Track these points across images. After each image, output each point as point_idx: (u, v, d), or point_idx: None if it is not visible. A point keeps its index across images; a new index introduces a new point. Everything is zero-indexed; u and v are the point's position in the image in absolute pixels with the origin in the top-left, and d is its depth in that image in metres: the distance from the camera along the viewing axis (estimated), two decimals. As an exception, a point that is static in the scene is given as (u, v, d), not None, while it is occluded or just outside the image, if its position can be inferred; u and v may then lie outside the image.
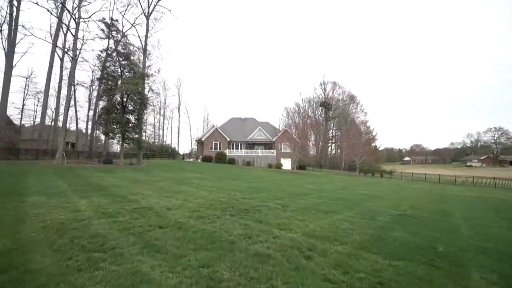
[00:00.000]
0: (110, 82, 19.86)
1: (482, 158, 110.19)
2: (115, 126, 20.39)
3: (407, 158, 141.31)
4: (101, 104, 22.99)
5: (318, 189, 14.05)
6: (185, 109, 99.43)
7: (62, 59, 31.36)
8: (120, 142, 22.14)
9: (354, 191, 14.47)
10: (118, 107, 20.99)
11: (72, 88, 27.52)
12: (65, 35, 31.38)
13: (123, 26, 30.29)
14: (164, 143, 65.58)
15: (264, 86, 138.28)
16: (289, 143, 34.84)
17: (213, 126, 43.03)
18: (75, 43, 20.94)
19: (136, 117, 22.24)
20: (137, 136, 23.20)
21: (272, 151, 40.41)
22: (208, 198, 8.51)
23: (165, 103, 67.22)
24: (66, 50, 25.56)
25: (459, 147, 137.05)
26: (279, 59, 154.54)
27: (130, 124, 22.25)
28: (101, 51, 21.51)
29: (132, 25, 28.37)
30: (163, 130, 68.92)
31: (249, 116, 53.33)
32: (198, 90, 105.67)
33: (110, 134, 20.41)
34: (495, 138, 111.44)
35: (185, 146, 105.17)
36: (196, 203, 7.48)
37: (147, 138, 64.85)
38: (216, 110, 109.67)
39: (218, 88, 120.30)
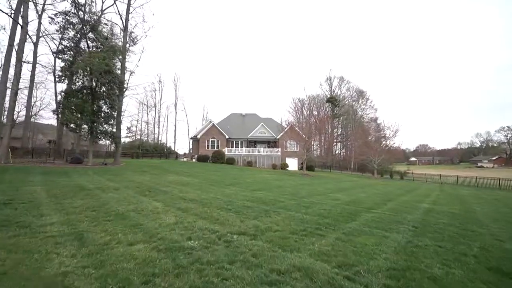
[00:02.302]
0: (71, 58, 15.22)
1: (494, 158, 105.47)
2: (79, 115, 15.71)
3: (413, 159, 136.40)
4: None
5: (356, 202, 9.30)
6: (182, 106, 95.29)
7: (36, 44, 26.79)
8: (89, 136, 17.44)
9: (411, 204, 9.73)
10: (84, 92, 16.33)
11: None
12: (40, 16, 26.89)
13: (103, 2, 25.83)
14: (159, 141, 61.20)
15: (267, 83, 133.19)
16: (297, 141, 30.07)
17: (210, 121, 38.33)
18: (25, 8, 16.31)
19: (109, 105, 17.55)
20: (110, 129, 18.50)
21: (276, 149, 35.70)
22: (164, 239, 3.80)
23: (160, 99, 63.06)
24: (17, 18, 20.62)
25: (465, 147, 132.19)
26: (283, 53, 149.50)
27: (102, 114, 17.55)
28: (56, 15, 16.74)
29: (115, 1, 23.86)
30: (158, 127, 64.71)
31: (251, 112, 48.66)
32: (197, 88, 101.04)
33: (72, 125, 15.74)
34: (508, 137, 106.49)
35: (182, 145, 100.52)
36: (113, 267, 2.79)
37: (139, 136, 60.49)
38: (216, 108, 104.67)
39: (218, 86, 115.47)
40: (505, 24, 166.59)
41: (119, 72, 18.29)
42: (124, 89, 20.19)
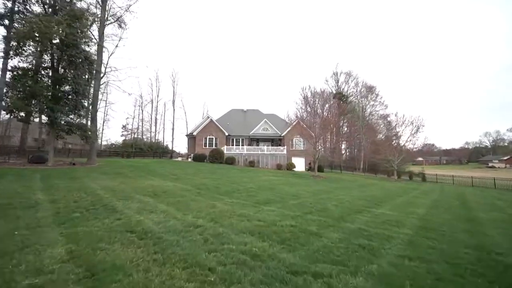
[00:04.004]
0: (21, 26, 11.55)
1: (505, 158, 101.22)
2: (32, 101, 12.08)
3: (419, 158, 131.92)
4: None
5: (434, 229, 5.54)
6: (181, 103, 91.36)
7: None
8: (49, 129, 13.77)
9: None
10: (43, 72, 12.73)
11: None
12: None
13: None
14: (156, 140, 57.73)
15: (270, 80, 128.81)
16: (306, 138, 26.28)
17: (208, 117, 34.64)
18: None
19: (75, 89, 13.85)
20: (79, 120, 14.84)
21: (281, 148, 31.92)
22: None
23: (158, 95, 59.44)
24: None
25: (470, 147, 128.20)
26: (287, 49, 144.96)
27: (67, 101, 13.87)
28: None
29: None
30: (155, 126, 61.16)
31: (253, 108, 44.91)
32: (197, 85, 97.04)
33: (22, 113, 12.10)
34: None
35: (181, 144, 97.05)
36: None
37: (135, 135, 57.01)
38: (217, 106, 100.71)
39: (219, 83, 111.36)
40: (506, 24, 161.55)
41: (89, 49, 14.64)
42: (102, 73, 16.47)
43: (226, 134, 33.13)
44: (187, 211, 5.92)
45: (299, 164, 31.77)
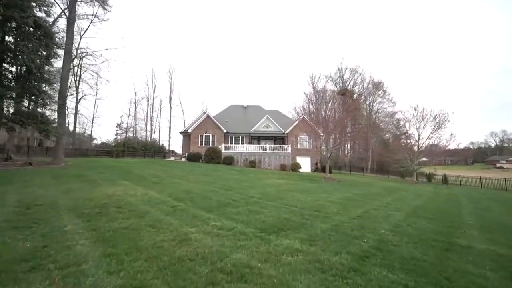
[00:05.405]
0: None
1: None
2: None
3: (423, 159, 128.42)
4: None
5: None
6: (178, 100, 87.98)
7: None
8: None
9: None
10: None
11: None
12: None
13: None
14: (152, 139, 54.68)
15: (272, 77, 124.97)
16: (314, 136, 23.20)
17: (204, 112, 31.55)
18: None
19: (28, 68, 10.71)
20: (36, 108, 11.73)
21: (285, 146, 28.78)
22: None
23: (154, 92, 56.34)
24: None
25: (476, 147, 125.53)
26: (289, 45, 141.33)
27: (16, 83, 10.75)
28: None
29: None
30: (151, 124, 58.02)
31: (254, 104, 41.79)
32: (195, 83, 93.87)
33: None
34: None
35: (178, 144, 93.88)
36: None
37: (131, 134, 53.95)
38: (216, 104, 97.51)
39: (218, 80, 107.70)
40: (507, 24, 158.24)
41: (49, 19, 11.56)
42: (73, 55, 13.35)
43: (225, 131, 30.04)
44: (124, 259, 2.81)
45: (305, 164, 28.66)
